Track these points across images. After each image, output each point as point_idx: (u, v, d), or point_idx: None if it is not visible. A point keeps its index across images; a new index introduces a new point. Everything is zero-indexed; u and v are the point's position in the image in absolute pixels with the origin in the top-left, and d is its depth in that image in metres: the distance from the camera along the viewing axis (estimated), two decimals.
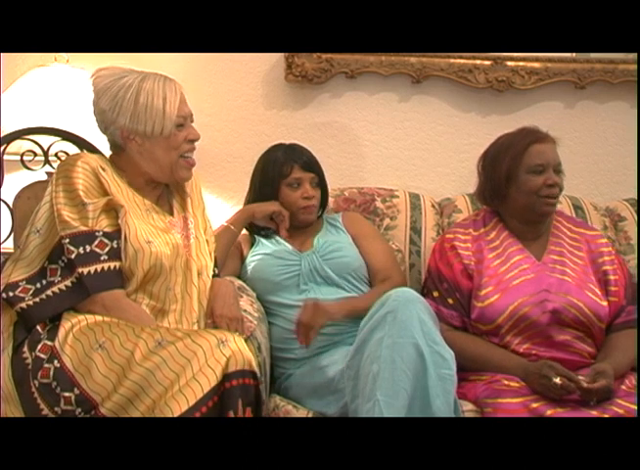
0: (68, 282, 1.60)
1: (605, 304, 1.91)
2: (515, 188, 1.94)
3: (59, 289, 1.60)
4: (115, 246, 1.63)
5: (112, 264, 1.62)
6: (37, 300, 1.59)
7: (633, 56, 2.49)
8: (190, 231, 1.80)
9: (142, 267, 1.65)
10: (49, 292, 1.60)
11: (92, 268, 1.60)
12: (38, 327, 1.59)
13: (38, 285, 1.61)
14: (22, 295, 1.60)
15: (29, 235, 1.66)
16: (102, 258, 1.61)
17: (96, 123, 1.77)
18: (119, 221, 1.64)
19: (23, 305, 1.59)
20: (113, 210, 1.66)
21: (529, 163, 1.92)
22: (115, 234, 1.64)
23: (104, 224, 1.64)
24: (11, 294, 1.60)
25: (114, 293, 1.62)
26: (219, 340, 1.49)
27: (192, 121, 1.78)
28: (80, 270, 1.59)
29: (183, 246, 1.75)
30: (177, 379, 1.45)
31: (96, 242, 1.62)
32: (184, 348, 1.48)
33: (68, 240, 1.60)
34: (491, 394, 1.75)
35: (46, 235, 1.64)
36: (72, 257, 1.59)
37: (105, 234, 1.63)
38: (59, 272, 1.61)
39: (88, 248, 1.61)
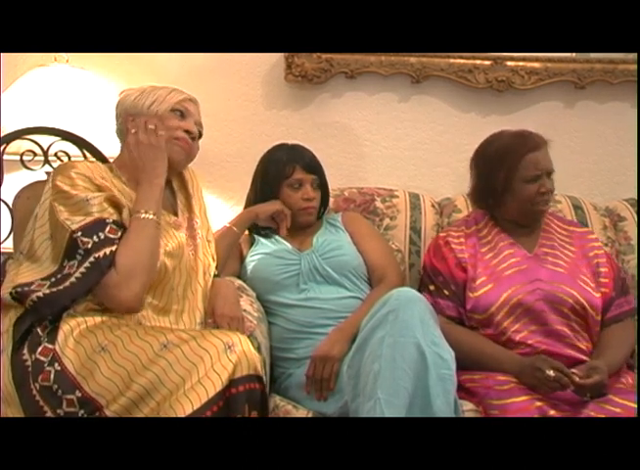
0: (82, 269, 1.55)
1: (598, 295, 1.94)
2: (510, 195, 1.99)
3: (75, 278, 1.55)
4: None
5: None
6: (54, 289, 1.55)
7: (633, 56, 2.49)
8: (196, 231, 1.80)
9: None
10: (67, 283, 1.55)
11: (107, 250, 1.56)
12: (38, 329, 1.56)
13: (53, 279, 1.57)
14: (37, 289, 1.56)
15: (43, 242, 1.63)
16: (116, 242, 1.58)
17: (115, 135, 1.82)
18: (123, 221, 1.63)
19: (40, 293, 1.54)
20: (116, 205, 1.64)
21: (525, 174, 1.96)
22: (123, 225, 1.62)
23: (108, 214, 1.60)
24: (24, 289, 1.56)
25: None
26: (226, 344, 1.47)
27: (196, 124, 1.80)
28: (96, 255, 1.54)
29: (188, 245, 1.76)
30: (183, 382, 1.44)
31: (107, 228, 1.58)
32: (190, 351, 1.47)
33: (80, 233, 1.56)
34: (496, 395, 1.75)
35: (55, 239, 1.61)
36: (89, 246, 1.55)
37: (114, 222, 1.60)
38: (75, 265, 1.57)
39: (102, 235, 1.57)
